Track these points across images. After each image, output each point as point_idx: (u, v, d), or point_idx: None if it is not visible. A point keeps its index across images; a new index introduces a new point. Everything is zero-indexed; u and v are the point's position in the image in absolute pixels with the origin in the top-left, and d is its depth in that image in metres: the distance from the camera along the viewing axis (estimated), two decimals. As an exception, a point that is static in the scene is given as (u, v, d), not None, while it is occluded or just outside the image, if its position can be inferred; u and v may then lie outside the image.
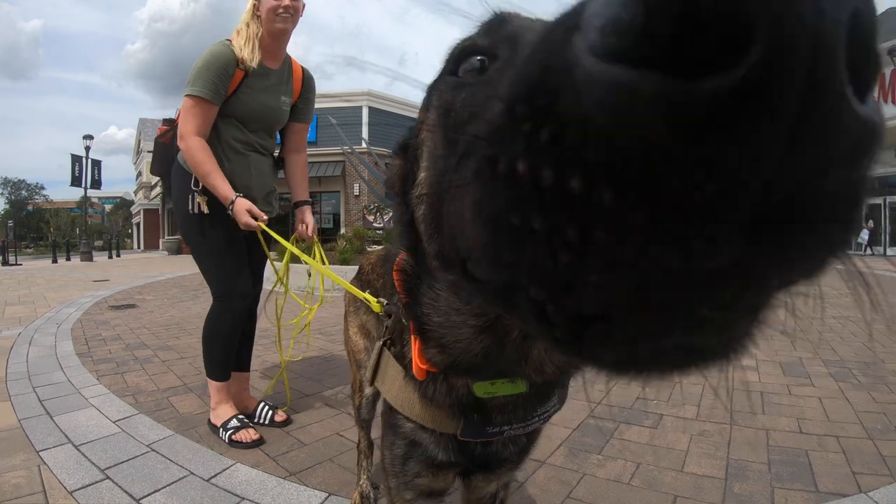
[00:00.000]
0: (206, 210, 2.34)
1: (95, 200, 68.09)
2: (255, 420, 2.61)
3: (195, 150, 2.20)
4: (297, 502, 1.88)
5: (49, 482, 1.97)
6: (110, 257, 24.17)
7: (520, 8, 0.53)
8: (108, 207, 76.38)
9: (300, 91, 2.64)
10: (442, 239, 0.48)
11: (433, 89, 0.57)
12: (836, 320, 5.37)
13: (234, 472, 2.08)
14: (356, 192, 26.25)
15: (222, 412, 2.45)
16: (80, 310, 6.51)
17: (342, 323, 2.31)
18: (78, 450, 2.25)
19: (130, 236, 62.49)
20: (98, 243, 35.62)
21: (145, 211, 47.70)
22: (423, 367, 0.78)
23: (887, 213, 21.12)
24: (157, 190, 41.58)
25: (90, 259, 20.78)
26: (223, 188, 2.20)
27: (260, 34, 2.34)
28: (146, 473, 2.05)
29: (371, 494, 1.81)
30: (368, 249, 10.28)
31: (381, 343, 0.95)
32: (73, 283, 10.10)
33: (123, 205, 75.68)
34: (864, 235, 20.29)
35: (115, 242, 28.74)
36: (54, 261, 20.14)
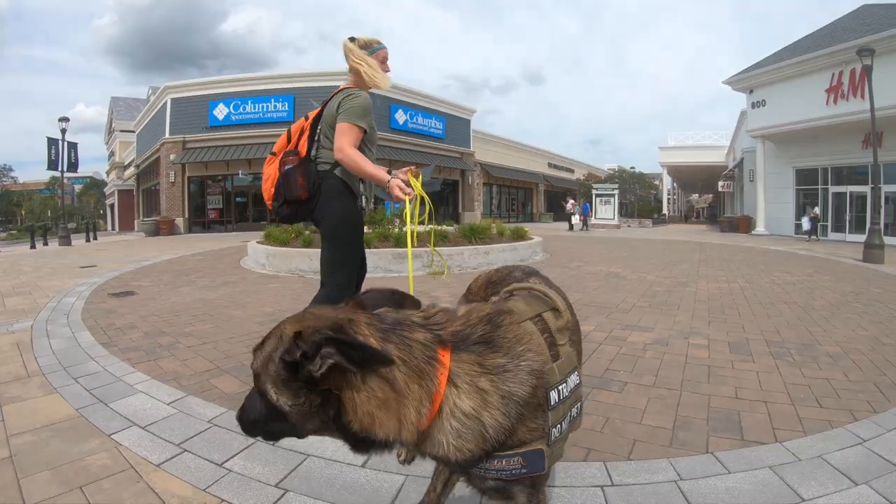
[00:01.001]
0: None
1: (66, 181, 66.59)
2: None
3: (357, 156, 2.93)
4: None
5: (133, 459, 2.25)
6: (87, 241, 23.93)
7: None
8: (77, 188, 75.05)
9: None
10: None
11: None
12: (786, 305, 5.97)
13: (292, 438, 2.47)
14: (334, 171, 26.53)
15: None
16: (81, 299, 6.58)
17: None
18: (146, 430, 2.55)
19: (103, 217, 61.64)
20: (71, 225, 35.08)
21: (120, 192, 47.33)
22: None
23: (850, 202, 22.10)
24: (131, 170, 41.26)
25: (69, 243, 20.46)
26: (380, 173, 2.92)
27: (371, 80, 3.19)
28: (217, 444, 2.41)
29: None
30: None
31: None
32: (62, 271, 10.13)
33: (94, 185, 74.34)
34: (806, 222, 21.32)
35: (90, 225, 28.52)
36: (32, 246, 19.68)
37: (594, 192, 33.61)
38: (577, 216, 29.99)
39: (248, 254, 10.71)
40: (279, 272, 8.91)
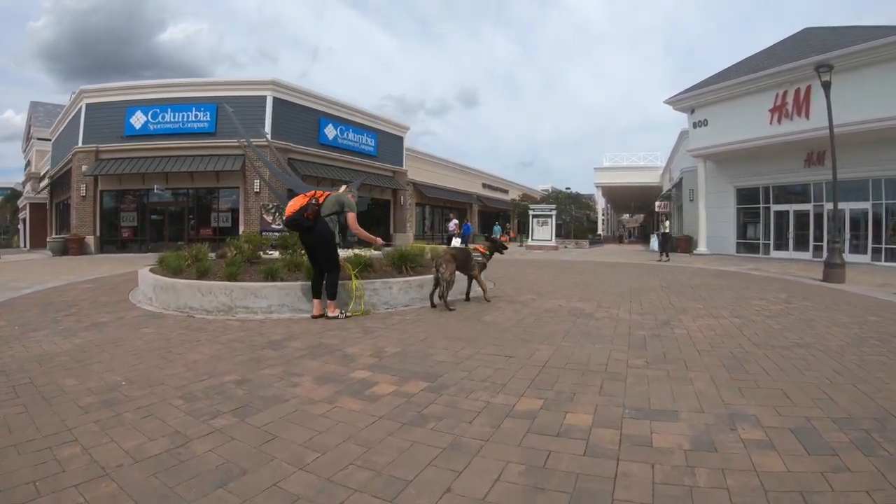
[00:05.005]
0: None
1: (-22, 191, 62.26)
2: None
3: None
4: None
5: None
6: (-12, 259, 21.45)
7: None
8: (-2, 199, 69.73)
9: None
10: None
11: None
12: (803, 349, 4.84)
13: None
14: (256, 188, 24.65)
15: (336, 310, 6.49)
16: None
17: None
18: None
19: (18, 233, 57.13)
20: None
21: (32, 205, 43.01)
22: None
23: (792, 220, 22.02)
24: (46, 182, 37.88)
25: (-34, 262, 18.26)
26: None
27: None
28: None
29: None
30: (264, 256, 8.92)
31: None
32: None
33: (14, 196, 69.35)
34: (654, 241, 21.07)
35: (-3, 241, 25.55)
36: (-83, 267, 17.41)
37: (531, 212, 32.52)
38: (457, 238, 28.15)
39: (139, 284, 8.75)
40: (167, 309, 7.13)
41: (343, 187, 7.35)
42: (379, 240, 7.32)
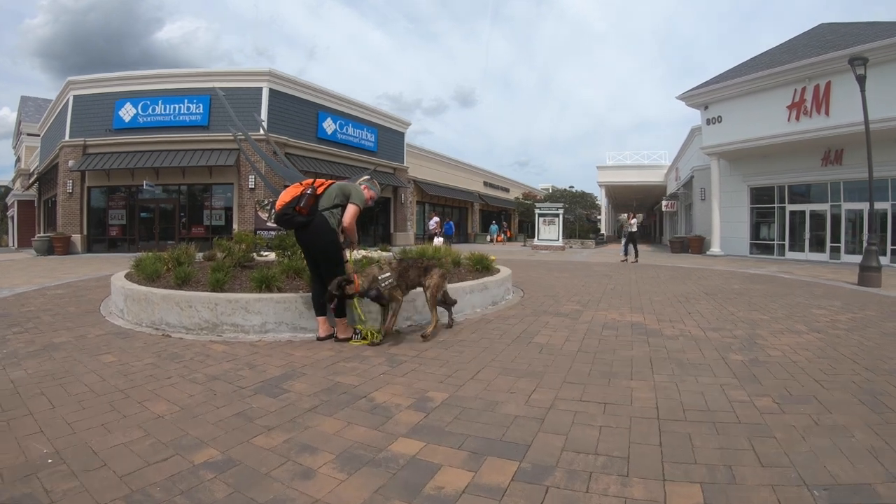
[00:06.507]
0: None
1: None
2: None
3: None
4: None
5: None
6: (-35, 260, 20.43)
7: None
8: (-10, 196, 68.50)
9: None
10: None
11: None
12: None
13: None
14: (251, 184, 23.60)
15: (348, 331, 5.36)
16: None
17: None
18: None
19: (7, 231, 55.98)
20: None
21: (20, 203, 41.86)
22: None
23: (808, 220, 21.32)
24: (34, 177, 36.71)
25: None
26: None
27: None
28: None
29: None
30: (258, 258, 7.87)
31: None
32: None
33: (7, 194, 68.38)
34: (622, 250, 20.03)
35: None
36: None
37: (537, 211, 31.47)
38: (439, 237, 26.57)
39: (111, 292, 7.34)
40: (139, 324, 5.97)
41: (364, 177, 5.78)
42: (356, 247, 5.82)
